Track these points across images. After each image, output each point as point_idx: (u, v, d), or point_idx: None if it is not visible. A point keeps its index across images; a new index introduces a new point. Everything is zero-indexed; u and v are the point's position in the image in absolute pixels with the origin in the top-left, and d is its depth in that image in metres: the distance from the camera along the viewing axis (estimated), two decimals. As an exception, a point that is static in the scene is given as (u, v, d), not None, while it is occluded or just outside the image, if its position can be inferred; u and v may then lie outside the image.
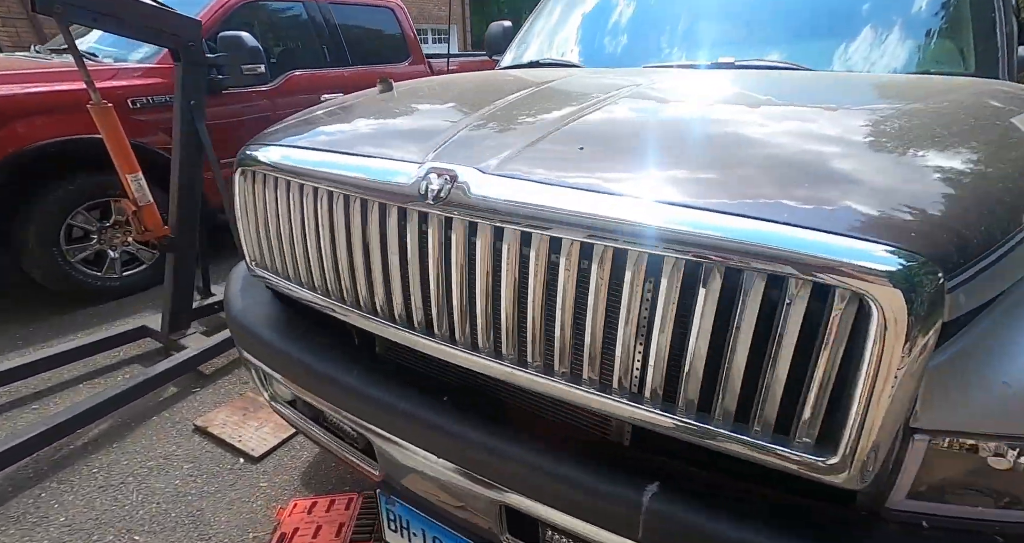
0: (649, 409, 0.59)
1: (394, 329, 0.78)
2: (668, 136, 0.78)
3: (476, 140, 0.76)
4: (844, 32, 1.22)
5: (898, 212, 0.53)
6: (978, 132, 0.75)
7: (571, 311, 0.61)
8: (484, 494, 0.75)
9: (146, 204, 1.93)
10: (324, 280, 0.86)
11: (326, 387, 0.86)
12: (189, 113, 1.98)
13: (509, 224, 0.62)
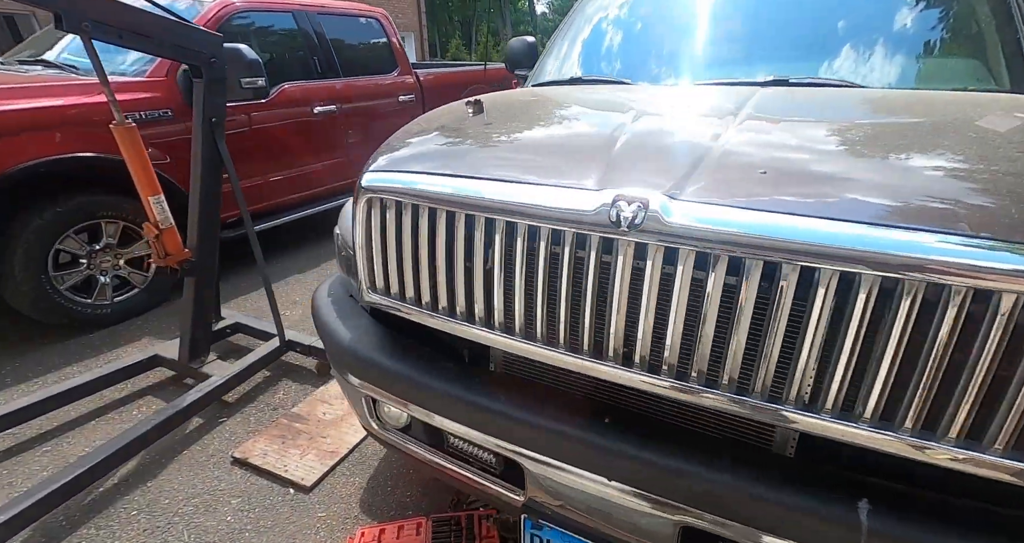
0: (879, 431, 0.62)
1: (549, 352, 0.79)
2: (832, 156, 0.80)
3: (638, 165, 0.78)
4: (881, 52, 1.34)
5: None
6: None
7: (782, 333, 0.65)
8: (663, 516, 0.76)
9: (168, 227, 1.84)
10: (468, 304, 0.86)
11: (472, 413, 0.86)
12: (210, 131, 1.90)
13: (713, 249, 0.65)
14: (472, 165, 0.86)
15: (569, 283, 0.76)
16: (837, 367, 0.64)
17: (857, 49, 1.36)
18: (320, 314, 1.13)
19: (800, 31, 1.45)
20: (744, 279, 0.65)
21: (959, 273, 0.56)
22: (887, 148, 0.79)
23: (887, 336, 0.61)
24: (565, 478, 0.82)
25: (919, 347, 0.60)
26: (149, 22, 1.64)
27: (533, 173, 0.80)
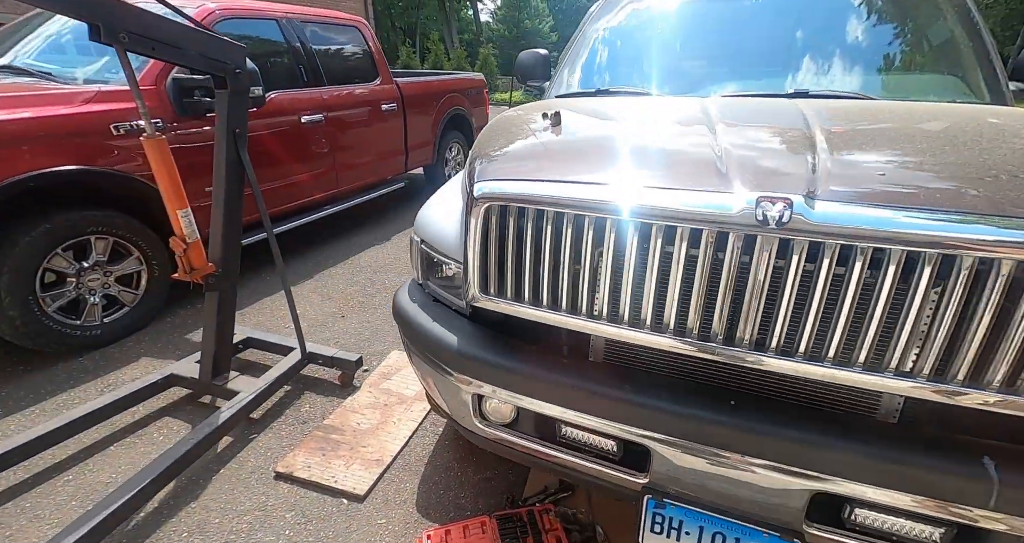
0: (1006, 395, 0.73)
1: (677, 342, 0.88)
2: (920, 157, 0.91)
3: (757, 168, 0.87)
4: (883, 70, 1.56)
5: None
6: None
7: (917, 315, 0.75)
8: (797, 486, 0.84)
9: (195, 241, 1.80)
10: (592, 300, 0.93)
11: (601, 403, 0.93)
12: (234, 142, 1.87)
13: (858, 242, 0.75)
14: (593, 172, 0.94)
15: (705, 278, 0.84)
16: (971, 343, 0.75)
17: (864, 67, 1.57)
18: (412, 319, 1.17)
19: (812, 49, 1.65)
20: (886, 269, 0.76)
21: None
22: (957, 149, 0.92)
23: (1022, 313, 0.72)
24: (695, 458, 0.90)
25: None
26: (180, 33, 1.61)
27: (658, 179, 0.89)
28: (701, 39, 1.83)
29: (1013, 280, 0.72)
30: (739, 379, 0.96)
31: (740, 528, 0.91)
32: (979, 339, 0.75)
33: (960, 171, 0.84)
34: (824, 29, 1.69)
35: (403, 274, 3.51)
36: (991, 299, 0.73)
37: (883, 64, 1.58)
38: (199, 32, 1.68)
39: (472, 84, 5.75)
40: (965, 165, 0.86)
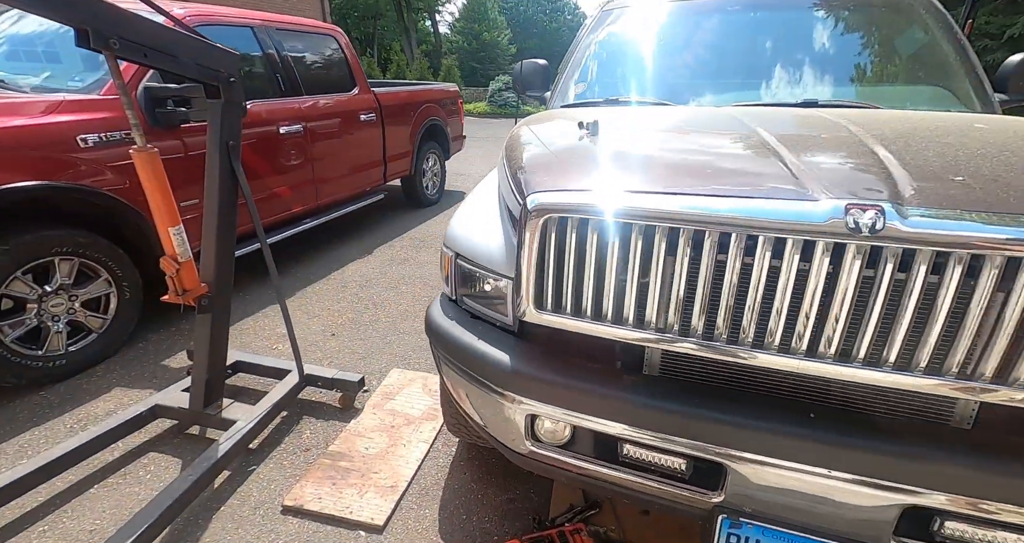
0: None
1: (756, 354, 0.86)
2: (978, 162, 0.93)
3: (831, 176, 0.86)
4: (878, 80, 1.64)
5: None
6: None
7: (1020, 323, 0.75)
8: (885, 499, 0.83)
9: (187, 260, 1.67)
10: (657, 313, 0.90)
11: (672, 420, 0.89)
12: (227, 155, 1.76)
13: (954, 249, 0.75)
14: (656, 181, 0.92)
15: (788, 287, 0.82)
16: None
17: (861, 79, 1.65)
18: (453, 337, 1.11)
19: (811, 62, 1.73)
20: (982, 275, 0.75)
21: None
22: (1006, 155, 0.95)
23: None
24: (777, 474, 0.87)
25: None
26: (173, 40, 1.51)
27: (731, 186, 0.87)
28: (703, 50, 1.89)
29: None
30: (806, 390, 0.95)
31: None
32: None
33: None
34: (821, 43, 1.78)
35: (391, 289, 3.41)
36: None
37: (879, 76, 1.67)
38: (193, 38, 1.58)
39: (447, 94, 5.72)
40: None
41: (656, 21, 2.06)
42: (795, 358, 0.86)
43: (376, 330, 2.85)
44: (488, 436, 1.16)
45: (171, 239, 1.63)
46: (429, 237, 4.50)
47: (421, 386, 2.31)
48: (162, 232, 1.61)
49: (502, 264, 1.08)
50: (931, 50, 1.73)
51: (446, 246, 1.25)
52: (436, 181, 5.74)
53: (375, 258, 3.98)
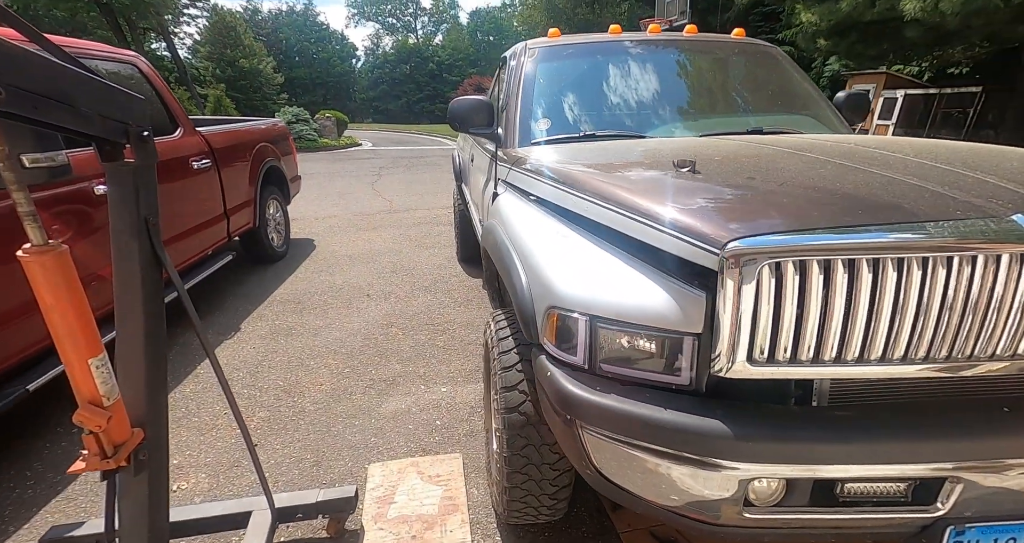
0: None
1: (969, 364, 0.94)
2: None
3: (976, 194, 0.99)
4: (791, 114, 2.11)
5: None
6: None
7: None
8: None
9: (116, 400, 1.11)
10: (905, 345, 0.92)
11: (901, 448, 0.92)
12: (148, 236, 1.24)
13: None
14: (837, 215, 0.95)
15: (998, 299, 0.90)
16: None
17: (772, 111, 2.10)
18: (628, 413, 0.96)
19: (741, 99, 2.11)
20: None
21: None
22: (938, 160, 1.26)
23: None
24: (998, 476, 0.93)
25: None
26: (71, 82, 1.01)
27: (910, 212, 0.93)
28: (650, 87, 2.14)
29: None
30: (971, 389, 1.04)
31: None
32: None
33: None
34: (736, 81, 2.22)
35: (296, 369, 2.80)
36: None
37: (783, 108, 2.17)
38: (93, 79, 1.07)
39: (279, 132, 5.02)
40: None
41: (592, 58, 2.27)
42: (1005, 361, 0.94)
43: (310, 424, 2.31)
44: (672, 515, 1.06)
45: (92, 376, 1.06)
46: (304, 296, 3.85)
47: (417, 474, 1.97)
48: (76, 369, 1.04)
49: (672, 320, 1.02)
50: (799, 88, 2.33)
51: (569, 310, 1.11)
52: (282, 231, 4.96)
53: (248, 335, 3.22)
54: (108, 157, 1.20)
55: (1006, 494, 0.98)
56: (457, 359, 2.88)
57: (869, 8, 6.98)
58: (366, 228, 5.96)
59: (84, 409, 1.06)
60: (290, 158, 5.26)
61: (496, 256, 1.60)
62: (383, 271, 4.41)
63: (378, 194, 8.29)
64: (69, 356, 1.03)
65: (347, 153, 16.19)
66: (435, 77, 51.77)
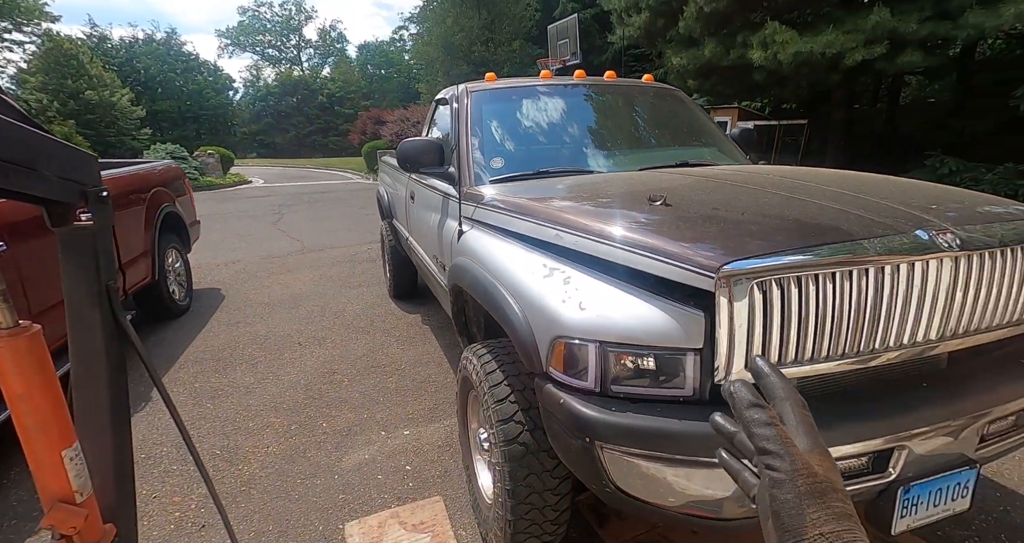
0: None
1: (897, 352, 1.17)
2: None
3: (884, 214, 1.24)
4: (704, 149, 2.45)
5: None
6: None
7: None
8: (976, 426, 1.18)
9: (89, 496, 0.97)
10: (857, 340, 1.12)
11: (861, 429, 1.11)
12: (109, 304, 1.11)
13: (1002, 251, 1.19)
14: (798, 238, 1.15)
15: (929, 296, 1.15)
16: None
17: (689, 146, 2.42)
18: (653, 429, 1.07)
19: (672, 136, 2.41)
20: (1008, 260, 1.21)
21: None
22: (842, 187, 1.57)
23: None
24: (933, 440, 1.16)
25: None
26: (34, 145, 0.91)
27: (847, 233, 1.16)
28: (593, 126, 2.40)
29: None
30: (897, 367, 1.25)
31: (951, 476, 1.23)
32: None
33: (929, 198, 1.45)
34: (653, 120, 2.56)
35: (234, 433, 2.52)
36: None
37: (695, 143, 2.53)
38: (48, 138, 0.97)
39: (174, 174, 4.56)
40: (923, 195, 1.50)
41: (534, 101, 2.46)
42: (921, 346, 1.20)
43: (263, 492, 2.10)
44: (679, 514, 1.16)
45: (65, 468, 0.91)
46: (223, 352, 3.48)
47: (399, 525, 1.89)
48: (47, 464, 0.89)
49: (676, 338, 1.14)
50: (705, 124, 2.72)
51: (578, 338, 1.19)
52: (183, 282, 4.45)
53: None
54: (59, 221, 1.06)
55: (934, 454, 1.23)
56: (413, 400, 2.80)
57: (725, 56, 8.36)
58: (279, 271, 5.56)
59: (56, 510, 0.91)
60: (187, 201, 4.79)
61: (479, 292, 1.64)
62: (310, 316, 4.15)
63: (284, 234, 7.79)
64: (39, 450, 0.89)
65: (236, 192, 14.98)
66: (326, 110, 50.19)
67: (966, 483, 1.29)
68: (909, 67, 7.76)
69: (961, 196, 1.57)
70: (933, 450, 1.22)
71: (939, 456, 1.24)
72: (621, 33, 11.57)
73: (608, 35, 13.59)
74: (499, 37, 19.53)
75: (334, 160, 32.67)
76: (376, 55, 57.40)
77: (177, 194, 4.51)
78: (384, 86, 52.72)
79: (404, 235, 3.56)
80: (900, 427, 1.17)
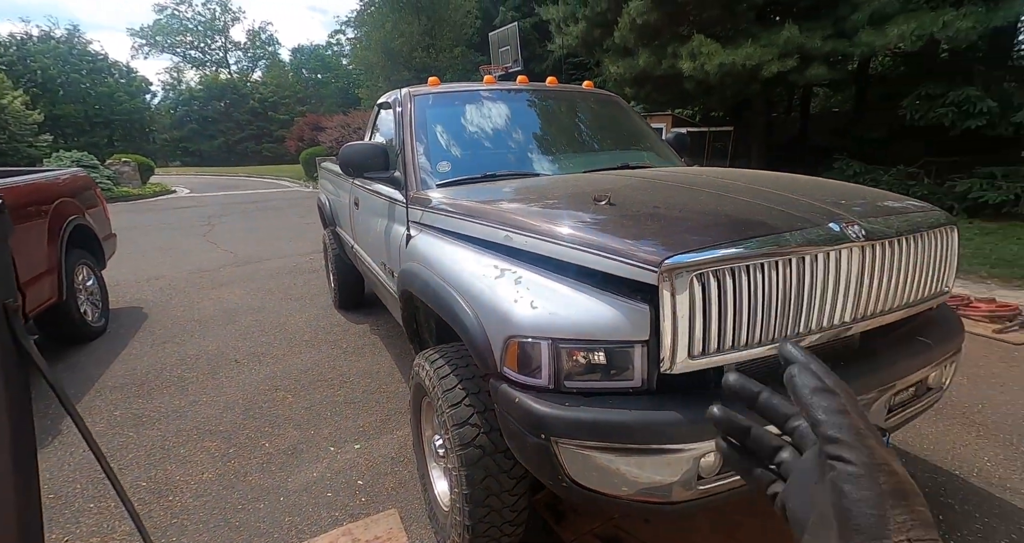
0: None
1: (818, 334, 1.27)
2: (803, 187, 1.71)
3: (802, 210, 1.35)
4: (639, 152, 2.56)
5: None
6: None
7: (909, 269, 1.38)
8: (882, 399, 1.34)
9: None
10: (785, 325, 1.19)
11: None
12: (8, 326, 0.99)
13: (899, 240, 1.33)
14: (734, 231, 1.22)
15: (842, 282, 1.26)
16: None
17: (627, 149, 2.52)
18: (602, 421, 1.06)
19: (613, 140, 2.50)
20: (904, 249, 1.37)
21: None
22: (766, 186, 1.72)
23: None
24: None
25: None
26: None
27: (772, 226, 1.25)
28: (538, 130, 2.45)
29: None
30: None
31: None
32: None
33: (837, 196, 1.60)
34: (594, 124, 2.65)
35: (153, 469, 2.32)
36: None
37: (633, 146, 2.63)
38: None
39: (82, 184, 4.15)
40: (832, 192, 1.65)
41: (478, 105, 2.46)
42: (847, 324, 1.33)
43: (199, 523, 1.95)
44: (631, 502, 1.19)
45: None
46: (147, 375, 3.20)
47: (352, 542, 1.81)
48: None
49: (625, 331, 1.17)
50: (642, 129, 2.83)
51: (530, 337, 1.19)
52: (97, 301, 4.05)
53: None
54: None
55: None
56: (364, 412, 2.71)
57: (658, 65, 8.83)
58: (211, 286, 5.20)
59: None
60: (100, 212, 4.37)
61: (429, 296, 1.62)
62: (248, 331, 3.91)
63: (215, 246, 7.30)
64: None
65: (158, 203, 13.89)
66: (259, 115, 47.70)
67: (879, 452, 1.43)
68: (816, 79, 8.55)
69: (864, 193, 1.74)
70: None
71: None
72: (560, 42, 11.90)
73: (548, 44, 13.95)
74: (440, 43, 19.47)
75: (270, 168, 31.13)
76: (312, 59, 55.36)
77: (87, 205, 4.10)
78: (322, 91, 50.89)
79: (349, 243, 3.45)
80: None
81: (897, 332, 1.55)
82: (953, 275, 1.63)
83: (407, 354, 3.31)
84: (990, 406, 2.62)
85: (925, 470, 2.14)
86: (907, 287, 1.44)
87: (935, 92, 8.20)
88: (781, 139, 13.57)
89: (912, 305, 1.48)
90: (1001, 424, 2.46)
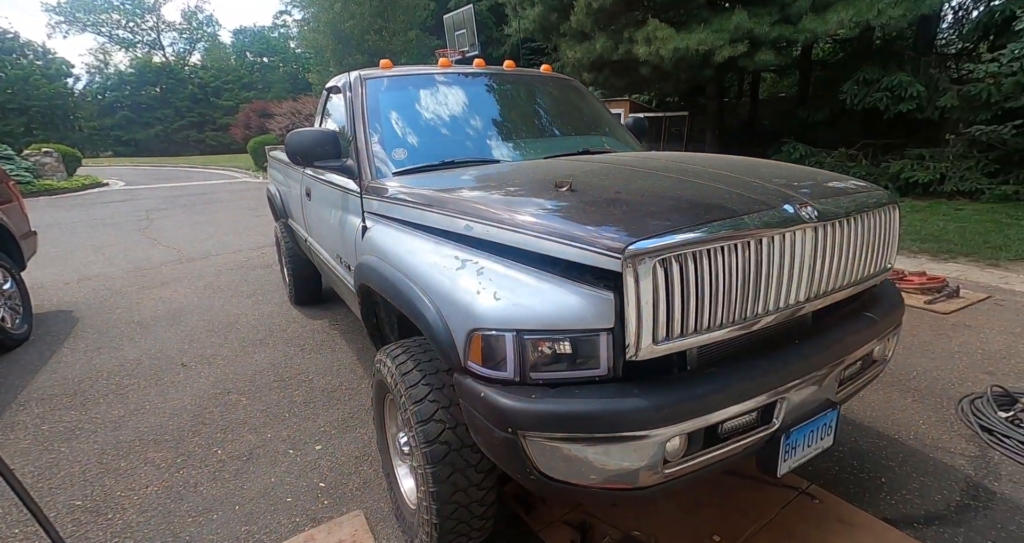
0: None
1: (775, 315, 1.28)
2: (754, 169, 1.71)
3: (757, 190, 1.36)
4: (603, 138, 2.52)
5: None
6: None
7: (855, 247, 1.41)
8: (833, 374, 1.37)
9: None
10: (744, 307, 1.19)
11: (756, 387, 1.22)
12: None
13: (848, 220, 1.35)
14: (696, 215, 1.21)
15: (797, 263, 1.27)
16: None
17: (587, 135, 2.48)
18: (568, 412, 1.03)
19: (573, 125, 2.45)
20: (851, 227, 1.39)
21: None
22: (722, 169, 1.71)
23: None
24: (804, 389, 1.30)
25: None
26: None
27: (731, 210, 1.24)
28: (496, 115, 2.35)
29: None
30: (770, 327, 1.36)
31: (820, 418, 1.39)
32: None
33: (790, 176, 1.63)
34: (553, 110, 2.58)
35: (90, 486, 2.14)
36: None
37: (593, 131, 2.60)
38: None
39: (-7, 177, 3.74)
40: (785, 174, 1.66)
41: (433, 90, 2.34)
42: (805, 303, 1.35)
43: (144, 540, 1.81)
44: (600, 490, 1.18)
45: None
46: (81, 384, 2.95)
47: None
48: None
49: (589, 320, 1.14)
50: (602, 114, 2.80)
51: (494, 329, 1.14)
52: (17, 306, 3.69)
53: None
54: None
55: (806, 401, 1.40)
56: (324, 411, 2.60)
57: (615, 50, 8.85)
58: (152, 285, 4.86)
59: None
60: (15, 208, 3.97)
61: (388, 290, 1.54)
62: (195, 333, 3.67)
63: (155, 242, 6.82)
64: None
65: (88, 196, 12.86)
66: (199, 101, 44.70)
67: (830, 423, 1.48)
68: (764, 65, 8.81)
69: (813, 174, 1.78)
70: (805, 398, 1.38)
71: (810, 402, 1.40)
72: (517, 26, 11.69)
73: (504, 27, 13.66)
74: (393, 26, 18.72)
75: (216, 158, 29.39)
76: (256, 41, 52.18)
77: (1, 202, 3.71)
78: (269, 76, 48.17)
79: (302, 236, 3.28)
80: (781, 381, 1.30)
81: (845, 309, 1.61)
82: (895, 252, 1.70)
83: (369, 349, 3.21)
84: (923, 372, 2.81)
85: (870, 436, 2.27)
86: (856, 265, 1.49)
87: (871, 77, 8.64)
88: (733, 123, 13.99)
89: (860, 282, 1.53)
90: (933, 388, 2.64)
